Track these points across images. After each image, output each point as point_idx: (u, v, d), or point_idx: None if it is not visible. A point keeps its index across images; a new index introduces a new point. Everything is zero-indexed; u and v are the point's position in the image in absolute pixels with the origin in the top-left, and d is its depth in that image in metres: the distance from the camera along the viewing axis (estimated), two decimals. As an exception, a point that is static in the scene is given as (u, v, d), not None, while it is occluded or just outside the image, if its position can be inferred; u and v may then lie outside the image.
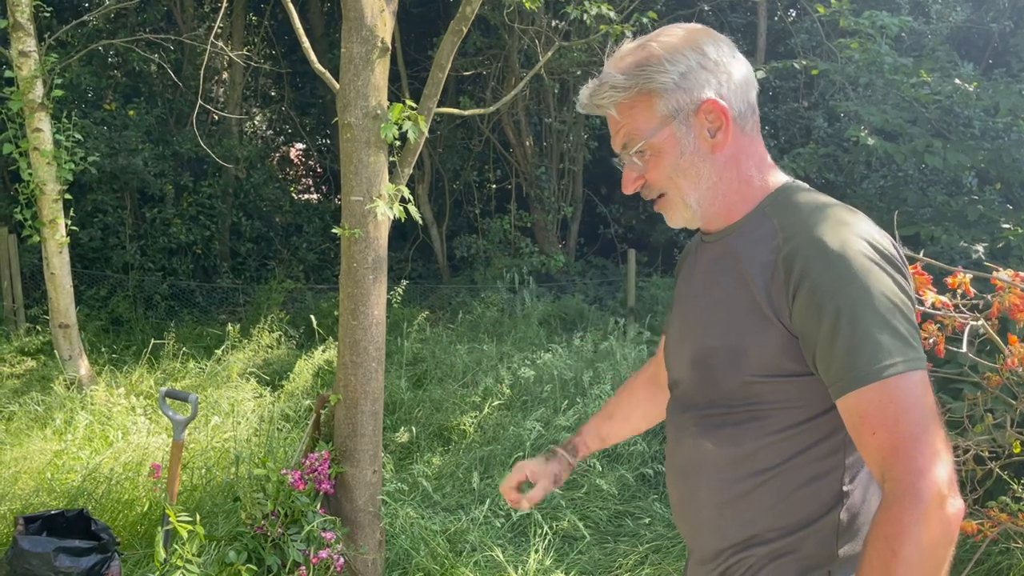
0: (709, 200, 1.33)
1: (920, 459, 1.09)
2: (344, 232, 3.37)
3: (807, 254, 1.18)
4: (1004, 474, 2.78)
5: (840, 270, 1.15)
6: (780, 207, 1.29)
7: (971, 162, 5.68)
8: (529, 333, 7.29)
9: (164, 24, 9.90)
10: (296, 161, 13.56)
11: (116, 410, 4.97)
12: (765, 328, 1.23)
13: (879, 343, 1.12)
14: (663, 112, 1.29)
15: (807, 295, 1.17)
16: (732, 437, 1.29)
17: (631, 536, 4.12)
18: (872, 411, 1.12)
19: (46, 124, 5.67)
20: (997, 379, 2.14)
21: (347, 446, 3.50)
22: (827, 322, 1.15)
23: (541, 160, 10.22)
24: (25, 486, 4.07)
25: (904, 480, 1.09)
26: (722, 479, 1.31)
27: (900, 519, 1.08)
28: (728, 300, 1.30)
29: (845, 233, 1.19)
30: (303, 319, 7.35)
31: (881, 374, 1.12)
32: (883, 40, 6.23)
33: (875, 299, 1.14)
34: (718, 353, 1.30)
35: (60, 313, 5.92)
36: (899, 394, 1.12)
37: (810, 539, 1.25)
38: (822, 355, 1.17)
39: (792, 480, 1.25)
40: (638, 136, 1.31)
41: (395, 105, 3.30)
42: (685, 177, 1.32)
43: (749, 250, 1.28)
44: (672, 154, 1.31)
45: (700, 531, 1.38)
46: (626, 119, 1.32)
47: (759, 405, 1.26)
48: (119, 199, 9.17)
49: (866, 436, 1.14)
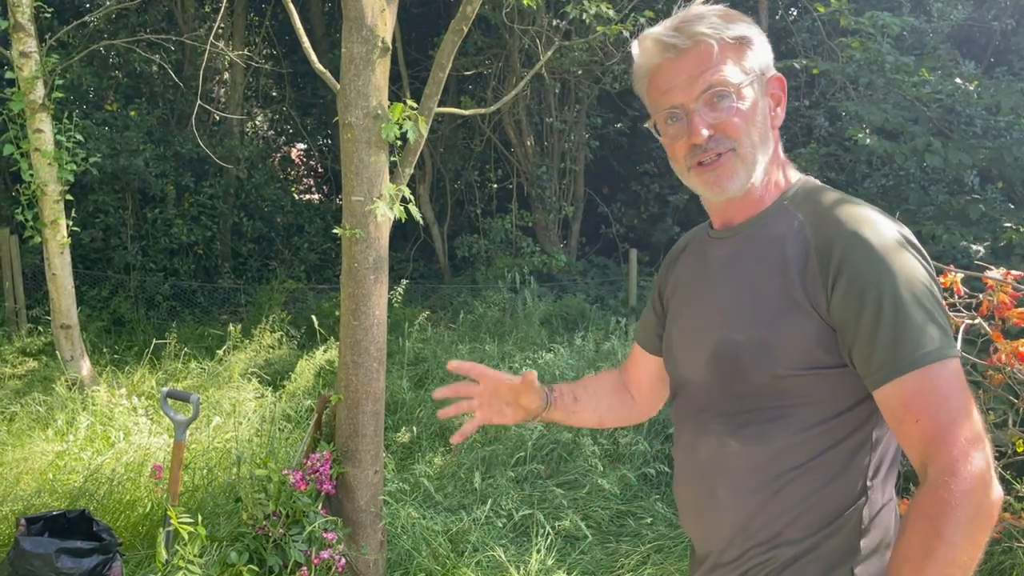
0: (764, 170, 1.32)
1: (963, 444, 1.11)
2: (345, 232, 3.37)
3: (845, 245, 1.19)
4: (1007, 473, 2.78)
5: (880, 260, 1.16)
6: (801, 201, 1.30)
7: (973, 161, 5.67)
8: (531, 333, 7.29)
9: (165, 24, 9.90)
10: (297, 161, 13.56)
11: (118, 411, 4.97)
12: (799, 319, 1.22)
13: (922, 331, 1.14)
14: (751, 67, 1.29)
15: (847, 285, 1.17)
16: (760, 436, 1.27)
17: (633, 536, 4.11)
18: (915, 398, 1.13)
19: (47, 125, 5.67)
20: (999, 377, 2.14)
21: (348, 446, 3.50)
22: (869, 311, 1.15)
23: (542, 159, 10.22)
24: (27, 487, 4.07)
25: (948, 464, 1.10)
26: (749, 478, 1.29)
27: (945, 499, 1.09)
28: (754, 292, 1.28)
29: (879, 225, 1.21)
30: (304, 319, 7.35)
31: (924, 361, 1.13)
32: (884, 40, 6.22)
33: (915, 288, 1.15)
34: (744, 347, 1.27)
35: (62, 314, 5.92)
36: (941, 381, 1.13)
37: (835, 537, 1.25)
38: (862, 344, 1.17)
39: (819, 478, 1.25)
40: (727, 82, 1.27)
41: (396, 105, 3.29)
42: (760, 136, 1.30)
43: (777, 242, 1.27)
44: (755, 108, 1.29)
45: (719, 532, 1.35)
46: (716, 62, 1.27)
47: (787, 401, 1.25)
48: (120, 200, 9.18)
49: (908, 424, 1.14)
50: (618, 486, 4.44)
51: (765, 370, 1.25)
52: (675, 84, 1.29)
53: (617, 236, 10.80)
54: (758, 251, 1.30)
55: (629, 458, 4.74)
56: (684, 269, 1.49)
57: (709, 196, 1.36)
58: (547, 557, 3.71)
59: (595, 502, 4.35)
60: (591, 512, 4.26)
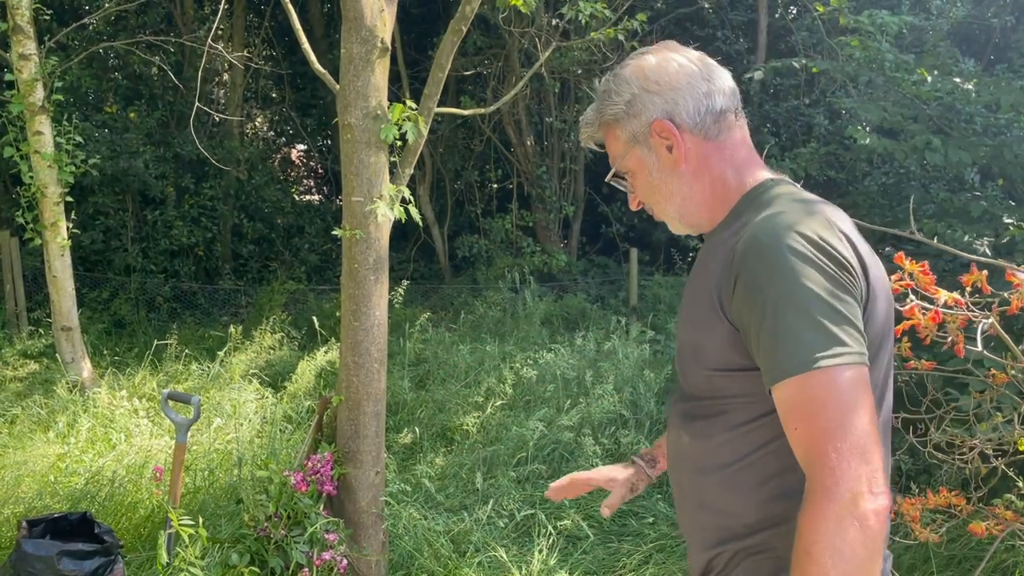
0: (688, 210, 1.40)
1: (834, 455, 1.09)
2: (345, 233, 3.36)
3: (744, 249, 1.21)
4: (1010, 471, 2.77)
5: (769, 264, 1.16)
6: (749, 204, 1.33)
7: (973, 159, 5.65)
8: (531, 333, 7.28)
9: (164, 26, 9.90)
10: (297, 162, 13.55)
11: (119, 412, 4.97)
12: (716, 321, 1.26)
13: (798, 338, 1.12)
14: (624, 138, 1.41)
15: (742, 289, 1.20)
16: (704, 430, 1.32)
17: (635, 535, 4.11)
18: (793, 405, 1.13)
19: (47, 127, 5.67)
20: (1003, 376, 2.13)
21: (350, 447, 3.50)
22: (756, 316, 1.17)
23: (542, 159, 10.21)
24: (28, 489, 4.07)
25: (817, 478, 1.09)
26: (695, 472, 1.36)
27: (813, 518, 1.08)
28: (697, 297, 1.34)
29: (782, 228, 1.19)
30: (305, 320, 7.34)
31: (799, 368, 1.12)
32: (883, 38, 6.21)
33: (800, 294, 1.13)
34: (687, 347, 1.36)
35: (62, 316, 5.92)
36: (819, 390, 1.11)
37: (785, 538, 1.22)
38: (753, 348, 1.19)
39: (756, 475, 1.26)
40: (614, 162, 1.44)
41: (395, 105, 3.29)
42: (659, 193, 1.41)
43: (717, 248, 1.32)
44: (643, 175, 1.41)
45: (687, 520, 1.43)
46: (608, 148, 1.45)
47: (722, 398, 1.29)
48: (121, 201, 9.18)
49: (789, 430, 1.15)
50: (620, 486, 4.42)
51: (699, 370, 1.32)
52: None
53: (617, 235, 10.79)
54: (709, 255, 1.35)
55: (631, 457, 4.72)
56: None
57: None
58: (549, 557, 3.70)
59: (597, 502, 4.34)
60: (593, 512, 4.26)
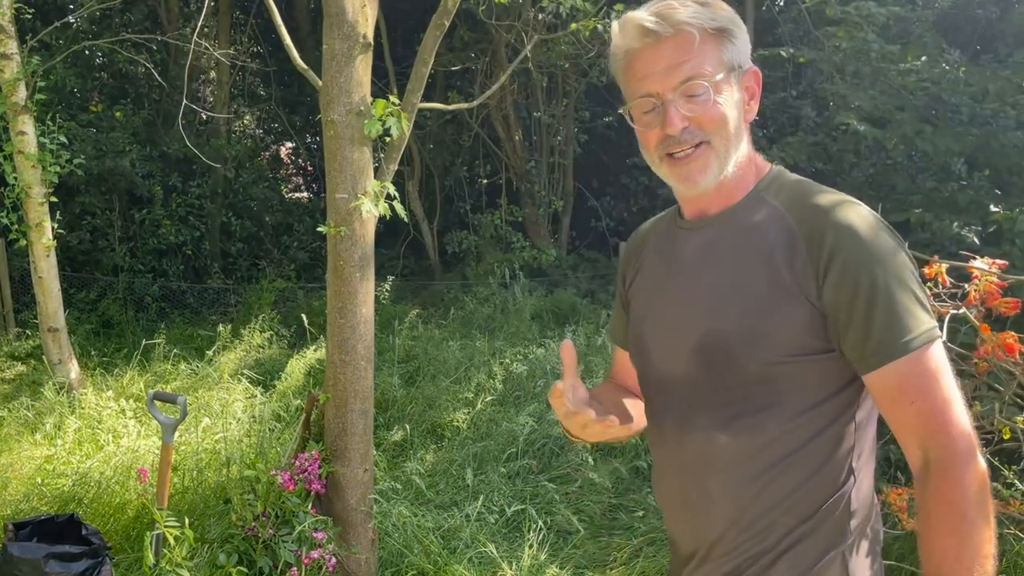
0: (735, 164, 1.31)
1: (958, 422, 1.17)
2: (330, 230, 3.35)
3: (836, 233, 1.20)
4: (994, 460, 2.78)
5: (871, 246, 1.19)
6: (778, 191, 1.32)
7: (960, 148, 5.67)
8: (521, 328, 7.28)
9: (149, 24, 9.83)
10: (286, 160, 13.50)
11: (106, 413, 4.95)
12: (789, 306, 1.23)
13: (913, 315, 1.18)
14: (728, 61, 1.27)
15: (840, 271, 1.19)
16: (750, 427, 1.27)
17: (625, 529, 4.11)
18: (910, 381, 1.17)
19: (30, 127, 5.63)
20: (985, 366, 2.13)
21: (337, 445, 3.49)
22: (863, 297, 1.18)
23: (531, 154, 10.20)
24: (15, 492, 4.05)
25: (950, 446, 1.15)
26: (741, 470, 1.28)
27: (958, 483, 1.14)
28: (739, 281, 1.27)
29: (864, 212, 1.23)
30: (294, 318, 7.32)
31: (917, 344, 1.17)
32: (870, 28, 6.22)
33: (904, 273, 1.19)
34: (734, 336, 1.26)
35: (49, 317, 5.88)
36: (932, 363, 1.18)
37: (827, 521, 1.26)
38: (856, 329, 1.19)
39: (810, 464, 1.26)
40: (705, 74, 1.25)
41: (378, 101, 3.27)
42: (735, 130, 1.29)
43: (756, 231, 1.28)
44: (729, 103, 1.27)
45: (710, 526, 1.33)
46: (696, 53, 1.25)
47: (778, 388, 1.25)
48: (107, 201, 9.12)
49: (903, 406, 1.18)
50: (610, 480, 4.44)
51: (758, 358, 1.24)
52: (653, 72, 1.27)
53: (607, 230, 10.79)
54: (737, 240, 1.30)
55: (620, 451, 4.74)
56: (650, 261, 1.46)
57: (681, 190, 1.35)
58: (539, 552, 3.71)
59: (587, 496, 4.35)
60: (583, 506, 4.26)
